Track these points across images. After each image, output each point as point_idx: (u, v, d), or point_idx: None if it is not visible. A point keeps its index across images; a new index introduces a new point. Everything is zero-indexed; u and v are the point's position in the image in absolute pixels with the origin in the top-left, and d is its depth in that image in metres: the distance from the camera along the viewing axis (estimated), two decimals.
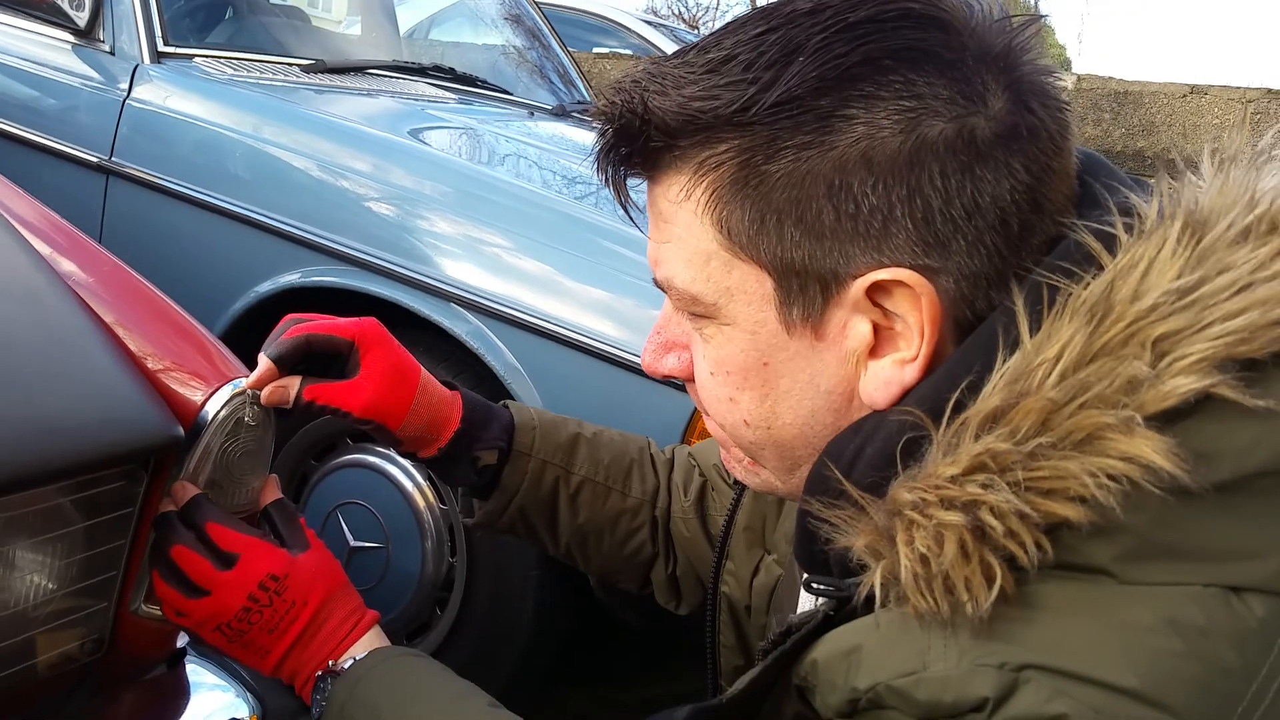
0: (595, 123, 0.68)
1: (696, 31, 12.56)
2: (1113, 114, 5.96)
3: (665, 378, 0.76)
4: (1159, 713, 0.53)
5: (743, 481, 0.77)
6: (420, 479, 1.79)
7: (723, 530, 1.01)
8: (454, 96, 2.68)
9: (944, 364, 0.62)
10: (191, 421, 0.93)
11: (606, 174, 0.68)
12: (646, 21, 8.17)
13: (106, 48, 2.22)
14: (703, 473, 1.09)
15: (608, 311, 1.67)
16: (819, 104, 0.60)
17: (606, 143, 0.67)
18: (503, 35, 3.25)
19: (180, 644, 1.07)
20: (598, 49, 7.26)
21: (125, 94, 2.13)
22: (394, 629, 1.79)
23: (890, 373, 0.64)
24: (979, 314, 0.62)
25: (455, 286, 1.74)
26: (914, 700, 0.57)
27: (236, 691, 1.13)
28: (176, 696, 1.09)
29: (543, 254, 1.74)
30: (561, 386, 1.66)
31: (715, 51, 0.63)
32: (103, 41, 2.22)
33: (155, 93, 2.12)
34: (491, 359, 1.70)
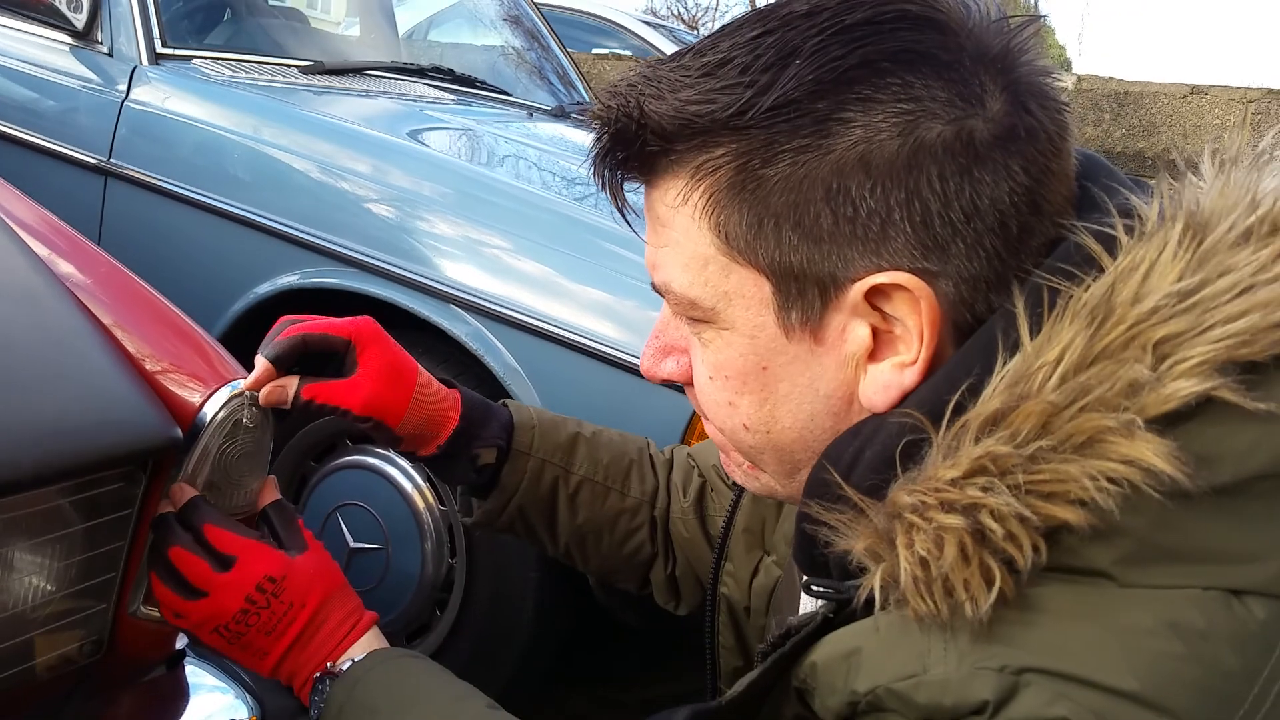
0: (591, 127, 0.67)
1: (696, 32, 12.56)
2: (1113, 114, 5.95)
3: (664, 382, 0.76)
4: (1159, 716, 0.53)
5: (743, 486, 0.77)
6: (420, 480, 1.79)
7: (722, 531, 1.01)
8: (453, 98, 2.68)
9: (943, 367, 0.62)
10: (190, 423, 0.93)
11: (603, 178, 0.68)
12: (645, 22, 8.17)
13: (105, 49, 2.21)
14: (702, 473, 1.09)
15: (607, 313, 1.67)
16: (816, 107, 0.60)
17: (602, 147, 0.67)
18: (502, 36, 3.25)
19: (179, 645, 1.07)
20: (597, 50, 7.26)
21: (124, 95, 2.13)
22: (394, 630, 1.78)
23: (890, 376, 0.64)
24: (979, 317, 0.62)
25: (454, 288, 1.74)
26: (914, 703, 0.57)
27: (235, 693, 1.12)
28: (175, 698, 1.09)
29: (542, 255, 1.74)
30: (561, 388, 1.66)
31: (711, 55, 0.63)
32: (101, 43, 2.22)
33: (154, 94, 2.12)
34: (491, 360, 1.70)
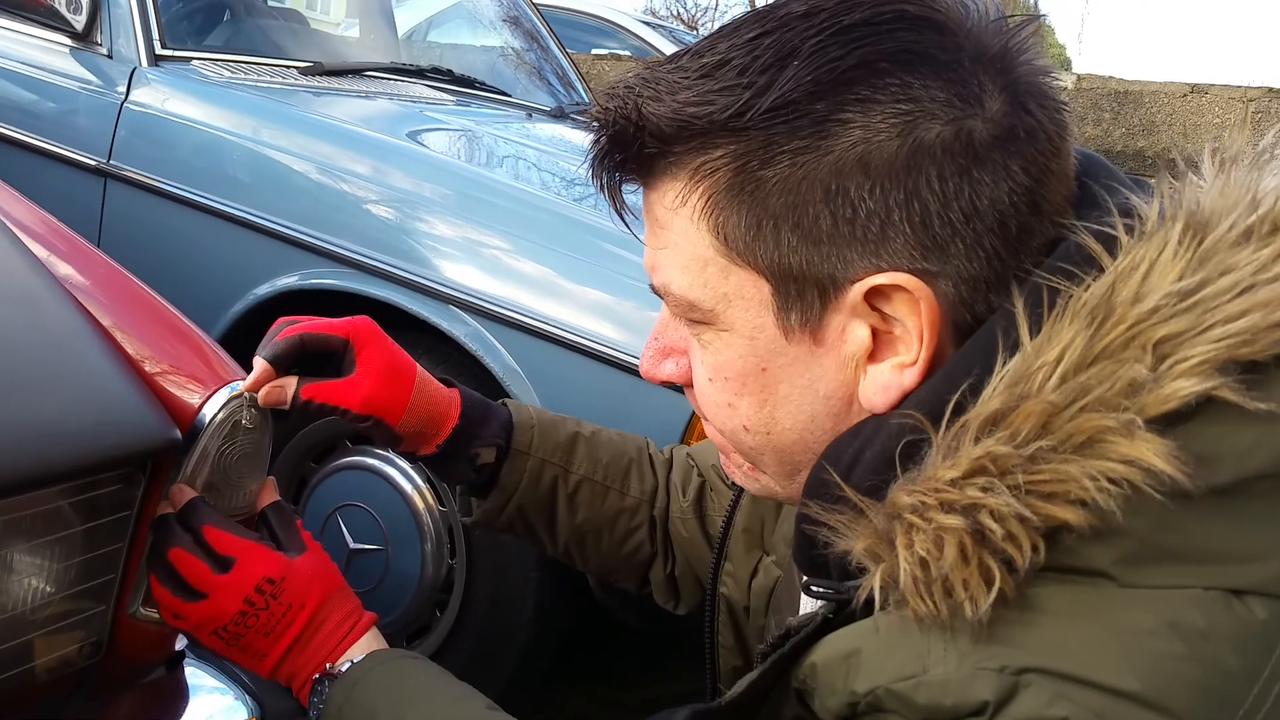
0: (589, 129, 0.67)
1: (695, 32, 12.56)
2: (1113, 113, 5.95)
3: (663, 383, 0.76)
4: (1160, 716, 0.53)
5: (743, 487, 0.77)
6: (419, 481, 1.79)
7: (721, 531, 1.01)
8: (452, 98, 2.68)
9: (943, 367, 0.62)
10: (189, 424, 0.93)
11: (601, 180, 0.68)
12: (645, 23, 8.18)
13: (104, 51, 2.21)
14: (701, 473, 1.09)
15: (607, 313, 1.67)
16: (814, 108, 0.60)
17: (600, 149, 0.67)
18: (501, 37, 3.25)
19: (179, 646, 1.07)
20: (596, 50, 7.26)
21: (123, 97, 2.13)
22: (394, 631, 1.78)
23: (889, 377, 0.64)
24: (978, 317, 0.62)
25: (454, 289, 1.74)
26: (914, 704, 0.57)
27: (235, 694, 1.12)
28: (175, 699, 1.09)
29: (541, 256, 1.74)
30: (560, 388, 1.66)
31: (709, 56, 0.63)
32: (100, 44, 2.22)
33: (153, 95, 2.12)
34: (490, 361, 1.70)
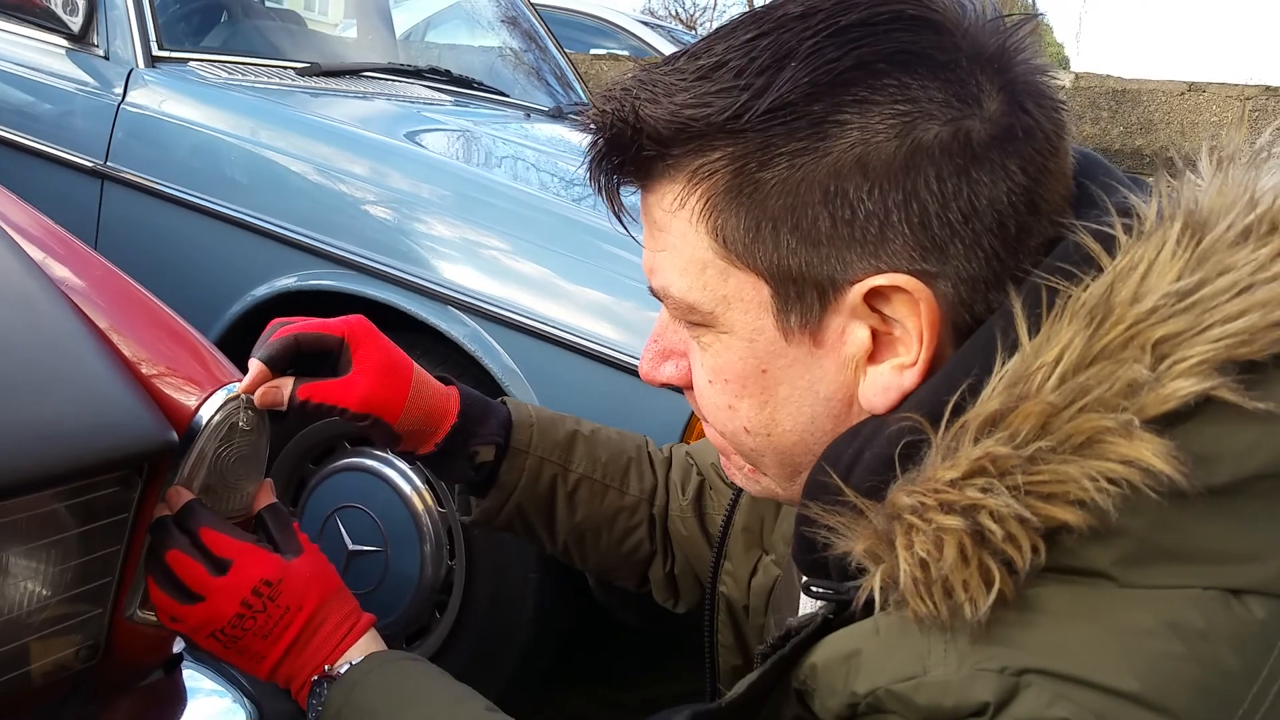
0: (587, 131, 0.67)
1: (694, 32, 12.56)
2: (1110, 112, 5.95)
3: (663, 385, 0.76)
4: (1160, 716, 0.53)
5: (744, 489, 0.77)
6: (418, 482, 1.79)
7: (721, 530, 1.01)
8: (450, 99, 2.67)
9: (943, 368, 0.62)
10: (185, 426, 0.93)
11: (599, 183, 0.68)
12: (643, 23, 8.18)
13: (101, 52, 2.21)
14: (700, 471, 1.09)
15: (606, 314, 1.66)
16: (812, 109, 0.60)
17: (598, 152, 0.67)
18: (499, 37, 3.25)
19: (177, 649, 1.07)
20: (595, 50, 7.27)
21: (120, 98, 2.12)
22: (393, 632, 1.78)
23: (889, 378, 0.63)
24: (978, 317, 0.62)
25: (452, 289, 1.74)
26: (914, 705, 0.57)
27: (233, 697, 1.12)
28: (173, 702, 1.09)
29: (540, 256, 1.74)
30: (559, 389, 1.66)
31: (706, 58, 0.62)
32: (97, 46, 2.22)
33: (150, 97, 2.12)
34: (489, 362, 1.70)
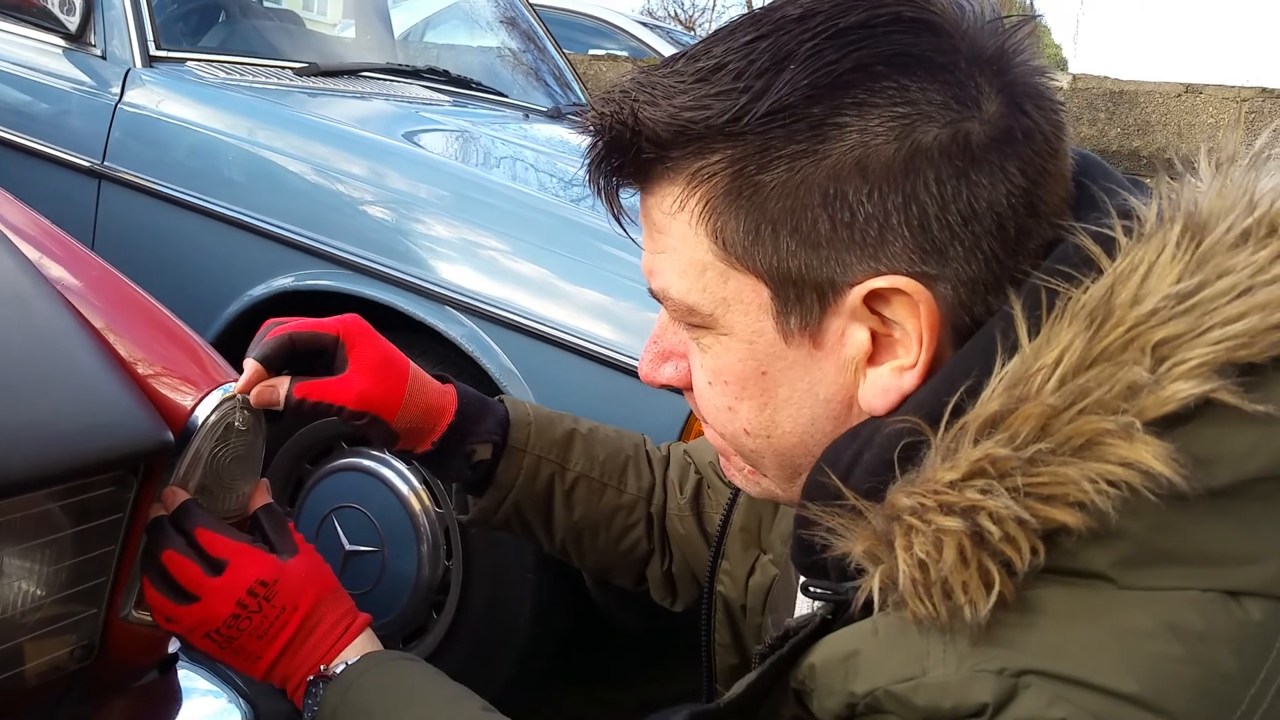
0: (586, 133, 0.67)
1: (693, 33, 12.56)
2: (1108, 113, 5.96)
3: (663, 386, 0.76)
4: (1158, 718, 0.53)
5: (744, 490, 0.77)
6: (415, 482, 1.79)
7: (719, 529, 1.01)
8: (449, 99, 2.67)
9: (942, 369, 0.62)
10: (181, 426, 0.93)
11: (598, 185, 0.68)
12: (642, 23, 8.18)
13: (98, 52, 2.21)
14: (698, 470, 1.09)
15: (604, 314, 1.66)
16: (811, 112, 0.60)
17: (597, 154, 0.66)
18: (498, 38, 3.24)
19: (172, 649, 1.07)
20: (593, 51, 7.26)
21: (117, 98, 2.12)
22: (390, 632, 1.78)
23: (889, 380, 0.63)
24: (977, 319, 0.62)
25: (450, 289, 1.74)
26: (913, 706, 0.57)
27: (229, 697, 1.12)
28: (168, 703, 1.09)
29: (539, 257, 1.74)
30: (557, 389, 1.66)
31: (705, 60, 0.62)
32: (94, 46, 2.21)
33: (147, 97, 2.12)
34: (487, 362, 1.69)
